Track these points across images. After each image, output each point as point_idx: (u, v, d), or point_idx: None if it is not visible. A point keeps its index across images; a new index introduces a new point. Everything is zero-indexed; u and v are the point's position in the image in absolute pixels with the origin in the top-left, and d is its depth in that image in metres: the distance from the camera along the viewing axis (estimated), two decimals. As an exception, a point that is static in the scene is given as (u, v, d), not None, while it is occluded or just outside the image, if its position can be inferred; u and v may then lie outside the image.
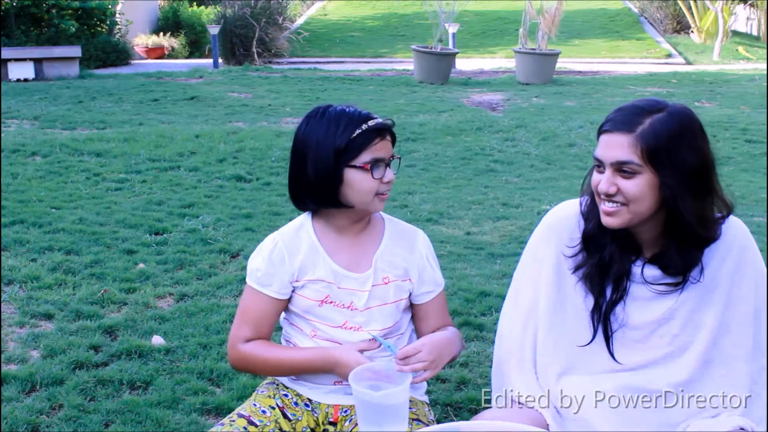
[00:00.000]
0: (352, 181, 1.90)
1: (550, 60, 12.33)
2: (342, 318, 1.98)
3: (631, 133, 1.72)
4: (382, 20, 20.34)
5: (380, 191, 1.93)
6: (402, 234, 2.06)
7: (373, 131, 1.90)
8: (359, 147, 1.89)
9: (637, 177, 1.73)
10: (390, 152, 1.94)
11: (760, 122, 8.35)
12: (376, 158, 1.90)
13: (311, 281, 1.97)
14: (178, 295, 3.80)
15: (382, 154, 1.91)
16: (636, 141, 1.71)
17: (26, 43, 13.09)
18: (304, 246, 1.98)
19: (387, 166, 1.93)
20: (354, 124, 1.90)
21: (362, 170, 1.89)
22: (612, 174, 1.75)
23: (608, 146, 1.75)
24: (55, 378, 2.92)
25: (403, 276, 2.02)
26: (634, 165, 1.72)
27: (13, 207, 5.12)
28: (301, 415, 2.01)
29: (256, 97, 10.43)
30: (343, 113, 1.92)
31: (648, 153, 1.71)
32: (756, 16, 19.11)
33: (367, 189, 1.91)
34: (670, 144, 1.72)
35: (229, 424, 1.93)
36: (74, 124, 8.28)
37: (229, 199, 5.57)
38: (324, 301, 1.97)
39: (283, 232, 2.02)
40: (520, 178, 6.40)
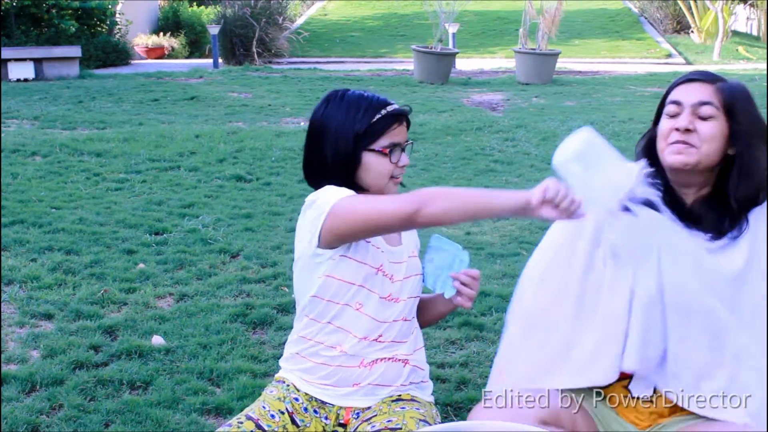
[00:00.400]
0: (369, 164, 1.96)
1: (550, 60, 12.33)
2: (387, 289, 2.00)
3: (712, 83, 1.90)
4: (382, 20, 20.35)
5: (395, 174, 1.99)
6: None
7: (391, 116, 1.96)
8: (379, 131, 1.95)
9: (713, 121, 1.88)
10: (405, 137, 2.01)
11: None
12: (393, 143, 1.96)
13: (368, 243, 1.98)
14: (178, 295, 3.80)
15: (399, 139, 1.98)
16: (717, 90, 1.89)
17: (26, 43, 13.09)
18: None
19: (402, 151, 1.99)
20: (374, 109, 1.95)
21: (380, 154, 1.96)
22: (690, 114, 1.88)
23: (690, 90, 1.90)
24: (55, 378, 2.92)
25: (415, 249, 2.13)
26: (713, 108, 1.87)
27: (13, 207, 5.12)
28: (309, 422, 2.00)
29: (256, 97, 10.43)
30: (362, 98, 1.98)
31: (726, 102, 1.87)
32: (756, 16, 19.12)
33: (384, 172, 1.97)
34: (744, 101, 1.90)
35: (237, 425, 1.92)
36: (74, 124, 8.28)
37: (229, 199, 5.57)
38: (380, 269, 1.99)
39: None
40: (520, 178, 6.39)
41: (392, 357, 2.01)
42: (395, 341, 2.02)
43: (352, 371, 1.99)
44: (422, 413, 1.98)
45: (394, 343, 2.02)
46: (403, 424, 1.91)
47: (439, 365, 3.10)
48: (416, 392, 2.06)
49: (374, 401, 2.01)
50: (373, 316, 1.98)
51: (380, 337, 2.00)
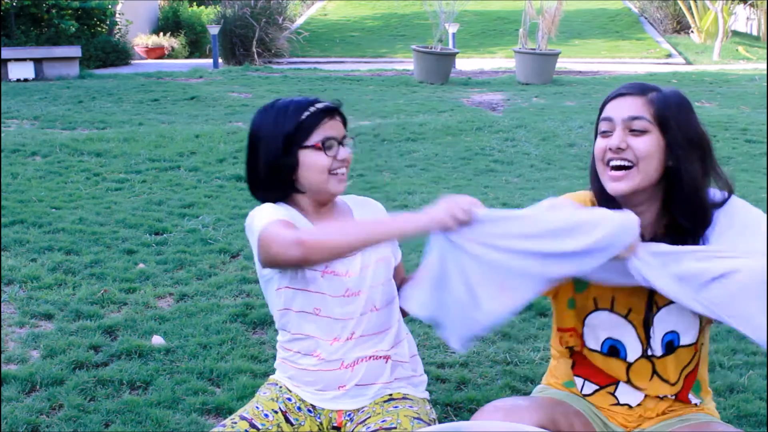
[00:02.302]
0: (306, 162, 1.96)
1: (550, 60, 12.33)
2: (342, 287, 1.99)
3: (642, 96, 1.83)
4: (382, 20, 20.35)
5: (333, 168, 1.97)
6: (364, 204, 2.15)
7: (321, 112, 1.97)
8: (309, 128, 1.96)
9: (647, 135, 1.81)
10: (342, 132, 2.00)
11: (760, 122, 8.35)
12: (327, 137, 1.97)
13: None
14: (178, 295, 3.80)
15: (333, 132, 1.98)
16: (648, 102, 1.82)
17: (26, 43, 13.10)
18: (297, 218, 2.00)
19: (340, 145, 1.99)
20: (301, 108, 1.97)
21: (314, 149, 1.96)
22: (622, 132, 1.82)
23: (620, 106, 1.84)
24: (55, 378, 2.92)
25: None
26: (645, 121, 1.81)
27: (13, 207, 5.12)
28: (303, 420, 2.01)
29: (256, 97, 10.43)
30: (291, 102, 2.00)
31: (658, 114, 1.81)
32: (756, 16, 19.12)
33: (321, 167, 1.96)
34: (677, 111, 1.82)
35: (231, 425, 1.92)
36: (74, 124, 8.28)
37: (229, 199, 5.57)
38: (326, 272, 1.98)
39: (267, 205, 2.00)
40: (520, 178, 6.39)
41: (372, 355, 2.01)
42: (370, 334, 2.01)
43: (334, 374, 2.00)
44: (416, 411, 1.98)
45: (369, 336, 2.01)
46: (398, 423, 1.90)
47: (439, 365, 3.10)
48: (408, 389, 2.06)
49: (364, 402, 2.01)
50: (333, 316, 1.99)
51: (353, 334, 1.99)
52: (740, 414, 2.73)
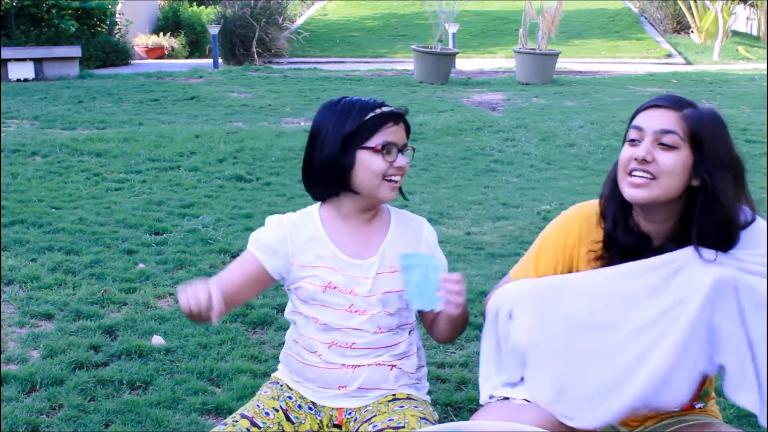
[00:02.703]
0: (362, 162, 1.93)
1: (550, 60, 12.33)
2: (346, 302, 1.99)
3: (677, 110, 1.78)
4: (382, 20, 20.36)
5: (389, 174, 1.94)
6: (408, 223, 2.09)
7: (385, 115, 1.94)
8: (371, 129, 1.93)
9: (675, 152, 1.76)
10: (403, 139, 1.97)
11: (760, 122, 8.35)
12: (387, 141, 1.93)
13: (315, 266, 1.98)
14: (178, 295, 3.80)
15: (394, 138, 1.95)
16: (682, 118, 1.77)
17: (26, 43, 13.10)
18: (309, 231, 2.01)
19: (399, 152, 1.96)
20: (366, 109, 1.94)
21: (372, 151, 1.93)
22: (651, 144, 1.78)
23: (652, 117, 1.79)
24: (55, 378, 2.92)
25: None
26: (676, 137, 1.76)
27: (13, 207, 5.12)
28: (304, 418, 2.01)
29: (256, 97, 10.43)
30: (357, 101, 1.97)
31: (691, 132, 1.76)
32: (756, 16, 19.13)
33: (376, 171, 1.93)
34: (712, 130, 1.77)
35: (232, 424, 1.93)
36: (74, 124, 8.28)
37: (229, 199, 5.57)
38: (328, 287, 1.98)
39: (290, 215, 2.06)
40: (520, 178, 6.40)
41: (375, 362, 2.01)
42: (374, 348, 2.01)
43: (335, 373, 2.00)
44: (421, 411, 1.98)
45: (373, 350, 2.01)
46: (405, 423, 1.90)
47: (439, 365, 3.10)
48: (411, 390, 2.06)
49: (366, 402, 2.01)
50: (332, 324, 2.00)
51: (353, 344, 2.00)
52: (740, 414, 2.73)
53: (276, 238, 2.00)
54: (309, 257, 1.99)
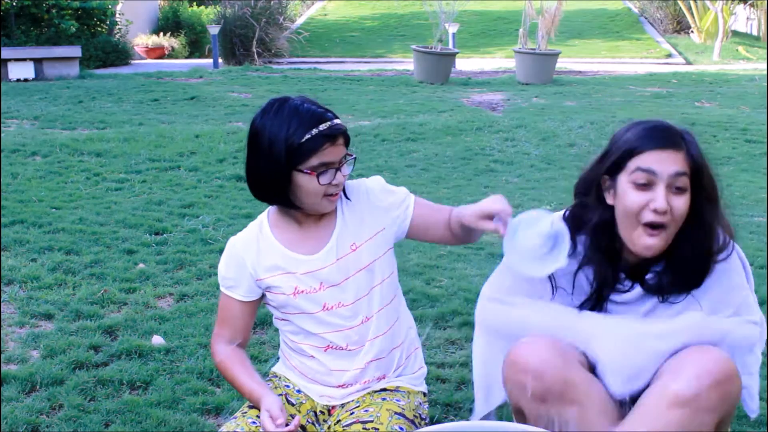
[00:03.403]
0: (300, 184, 1.89)
1: (549, 60, 12.33)
2: (318, 304, 1.99)
3: (681, 149, 1.74)
4: (382, 20, 20.35)
5: (328, 193, 1.92)
6: (352, 198, 2.03)
7: (323, 136, 1.87)
8: (308, 151, 1.86)
9: (685, 194, 1.74)
10: (340, 155, 1.91)
11: (760, 122, 8.35)
12: (324, 162, 1.88)
13: (275, 276, 2.00)
14: (178, 295, 3.80)
15: (330, 158, 1.89)
16: (687, 155, 1.74)
17: (26, 43, 13.10)
18: (262, 244, 2.01)
19: (337, 170, 1.90)
20: (306, 125, 1.87)
21: (309, 175, 1.88)
22: (666, 191, 1.73)
23: (663, 159, 1.72)
24: (55, 378, 2.92)
25: (375, 229, 2.01)
26: (686, 178, 1.73)
27: (13, 207, 5.12)
28: (304, 399, 2.07)
29: (256, 97, 10.43)
30: (297, 111, 1.89)
31: (693, 168, 1.74)
32: (756, 16, 19.12)
33: (314, 192, 1.90)
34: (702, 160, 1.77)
35: (242, 415, 1.98)
36: (74, 124, 8.28)
37: (229, 199, 5.57)
38: (296, 293, 1.99)
39: (239, 236, 2.06)
40: (520, 178, 6.39)
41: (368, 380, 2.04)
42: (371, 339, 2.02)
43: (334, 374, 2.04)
44: (401, 405, 1.99)
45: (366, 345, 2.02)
46: (376, 417, 1.92)
47: (439, 365, 3.09)
48: (402, 381, 2.08)
49: (356, 396, 2.05)
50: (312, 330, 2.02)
51: (347, 345, 2.02)
52: (740, 414, 2.72)
53: (234, 269, 2.02)
54: (268, 268, 2.00)
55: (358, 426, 1.91)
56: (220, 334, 2.08)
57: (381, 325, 2.02)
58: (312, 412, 2.05)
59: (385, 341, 2.03)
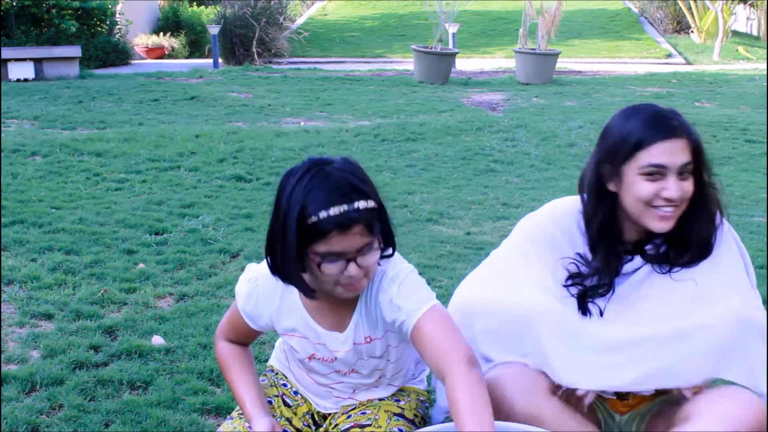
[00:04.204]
0: (310, 265, 1.69)
1: (550, 60, 12.33)
2: (330, 368, 1.96)
3: (684, 136, 1.80)
4: (382, 20, 20.35)
5: (341, 282, 1.70)
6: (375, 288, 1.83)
7: (332, 222, 1.62)
8: (315, 235, 1.64)
9: (691, 177, 1.82)
10: (355, 245, 1.65)
11: (760, 122, 8.35)
12: (331, 252, 1.65)
13: (293, 336, 1.93)
14: (178, 295, 3.80)
15: (339, 248, 1.64)
16: (690, 141, 1.81)
17: (26, 43, 13.09)
18: (285, 302, 1.88)
19: (350, 261, 1.66)
20: (321, 204, 1.63)
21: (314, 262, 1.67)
22: (677, 179, 1.80)
23: (672, 151, 1.79)
24: (55, 378, 2.92)
25: (386, 328, 1.86)
26: (691, 165, 1.82)
27: (13, 207, 5.12)
28: (301, 402, 2.06)
29: (256, 97, 10.43)
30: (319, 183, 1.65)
31: (695, 150, 1.81)
32: (756, 16, 19.13)
33: (325, 278, 1.70)
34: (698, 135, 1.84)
35: (238, 416, 1.98)
36: (74, 124, 8.28)
37: (229, 199, 5.57)
38: (311, 358, 1.95)
39: (263, 280, 1.86)
40: (520, 178, 6.39)
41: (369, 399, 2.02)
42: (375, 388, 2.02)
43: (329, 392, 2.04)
44: (400, 405, 1.98)
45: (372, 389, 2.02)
46: (374, 420, 1.91)
47: (439, 365, 3.09)
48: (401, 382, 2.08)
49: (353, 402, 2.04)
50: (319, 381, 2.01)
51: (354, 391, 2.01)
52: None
53: (252, 308, 1.92)
54: (287, 328, 1.93)
55: (357, 430, 1.90)
56: (226, 333, 2.02)
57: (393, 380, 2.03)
58: (309, 415, 2.04)
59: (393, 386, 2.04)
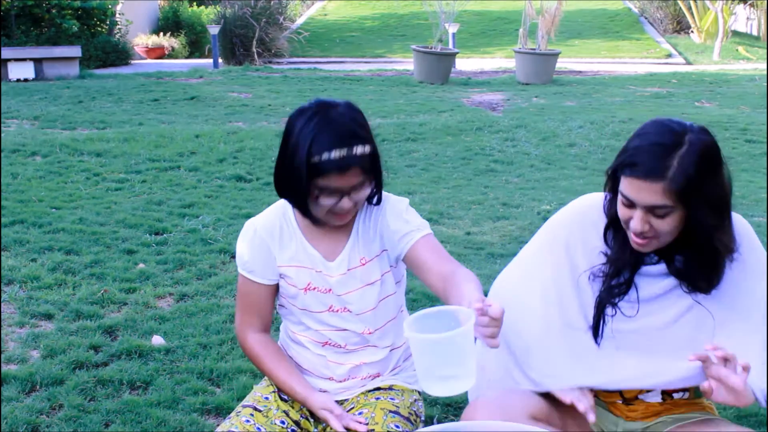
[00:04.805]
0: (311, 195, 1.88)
1: (550, 60, 12.33)
2: (324, 305, 2.00)
3: (662, 179, 1.70)
4: (382, 20, 20.35)
5: (335, 212, 1.89)
6: (372, 213, 2.02)
7: (331, 163, 1.81)
8: (318, 172, 1.83)
9: (670, 216, 1.74)
10: (350, 184, 1.85)
11: (760, 122, 8.35)
12: (327, 188, 1.84)
13: (293, 267, 2.00)
14: (178, 295, 3.80)
15: (336, 185, 1.84)
16: (668, 186, 1.70)
17: (26, 43, 13.09)
18: (285, 231, 2.01)
19: (344, 196, 1.86)
20: (324, 145, 1.81)
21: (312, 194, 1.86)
22: (644, 214, 1.75)
23: (640, 190, 1.73)
24: (55, 378, 2.92)
25: (381, 246, 2.00)
26: (667, 208, 1.73)
27: (13, 207, 5.12)
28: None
29: (256, 97, 10.43)
30: (324, 127, 1.83)
31: (679, 195, 1.71)
32: (756, 16, 19.12)
33: (320, 208, 1.89)
34: (699, 180, 1.71)
35: (236, 415, 1.99)
36: (74, 124, 8.28)
37: (229, 199, 5.57)
38: (308, 288, 2.00)
39: (259, 220, 2.05)
40: (520, 178, 6.39)
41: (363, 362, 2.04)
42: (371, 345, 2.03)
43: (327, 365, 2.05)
44: (395, 403, 1.99)
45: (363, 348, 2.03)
46: (371, 418, 1.92)
47: (439, 365, 3.09)
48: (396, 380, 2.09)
49: (349, 395, 2.06)
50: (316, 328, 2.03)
51: (346, 345, 2.03)
52: (740, 414, 2.73)
53: (257, 252, 2.01)
54: (288, 257, 2.00)
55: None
56: (247, 321, 2.06)
57: (383, 336, 2.04)
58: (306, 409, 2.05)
59: (384, 348, 2.05)
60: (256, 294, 2.04)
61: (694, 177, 1.70)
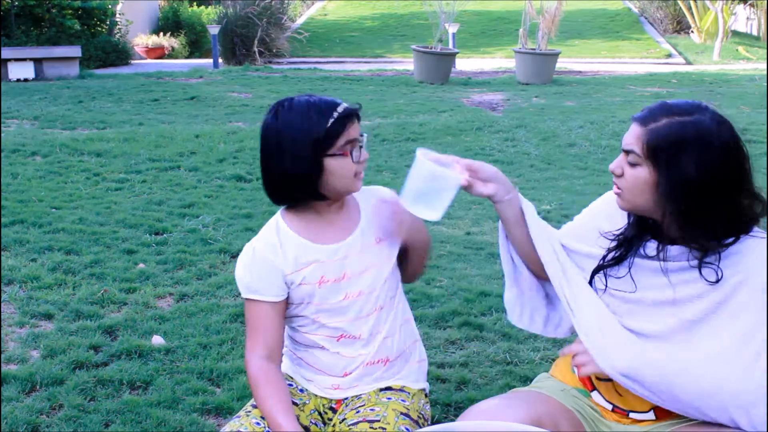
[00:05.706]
0: (332, 169, 1.92)
1: (550, 60, 12.34)
2: (340, 293, 2.01)
3: (644, 126, 1.77)
4: (382, 20, 20.36)
5: (358, 171, 1.97)
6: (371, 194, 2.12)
7: (344, 117, 1.92)
8: (335, 135, 1.90)
9: (638, 168, 1.78)
10: (358, 132, 1.97)
11: (760, 122, 8.35)
12: (349, 140, 1.93)
13: (301, 269, 2.00)
14: (178, 295, 3.80)
15: (354, 135, 1.95)
16: (644, 135, 1.76)
17: (26, 43, 13.10)
18: (284, 241, 2.01)
19: (360, 147, 1.97)
20: (326, 112, 1.91)
21: (341, 156, 1.92)
22: (623, 156, 1.82)
23: (629, 132, 1.81)
24: (55, 378, 2.92)
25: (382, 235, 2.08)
26: (635, 155, 1.77)
27: (13, 207, 5.12)
28: (308, 399, 2.07)
29: (256, 97, 10.43)
30: (310, 104, 1.92)
31: (648, 149, 1.75)
32: (756, 16, 19.13)
33: (348, 173, 1.94)
34: (670, 148, 1.72)
35: (245, 415, 1.98)
36: (74, 124, 8.28)
37: (229, 199, 5.57)
38: (321, 282, 2.00)
39: (256, 242, 2.04)
40: (520, 178, 6.39)
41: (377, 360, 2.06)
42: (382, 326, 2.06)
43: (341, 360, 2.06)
44: (406, 405, 2.01)
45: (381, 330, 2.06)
46: (383, 417, 1.93)
47: (439, 365, 3.10)
48: (406, 381, 2.10)
49: (360, 391, 2.06)
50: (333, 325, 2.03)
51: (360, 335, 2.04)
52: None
53: (259, 271, 1.99)
54: (295, 263, 2.00)
55: (365, 425, 1.91)
56: (253, 347, 2.00)
57: (390, 314, 2.07)
58: (316, 412, 2.06)
59: (392, 327, 2.08)
60: (262, 315, 2.00)
61: (666, 142, 1.72)
